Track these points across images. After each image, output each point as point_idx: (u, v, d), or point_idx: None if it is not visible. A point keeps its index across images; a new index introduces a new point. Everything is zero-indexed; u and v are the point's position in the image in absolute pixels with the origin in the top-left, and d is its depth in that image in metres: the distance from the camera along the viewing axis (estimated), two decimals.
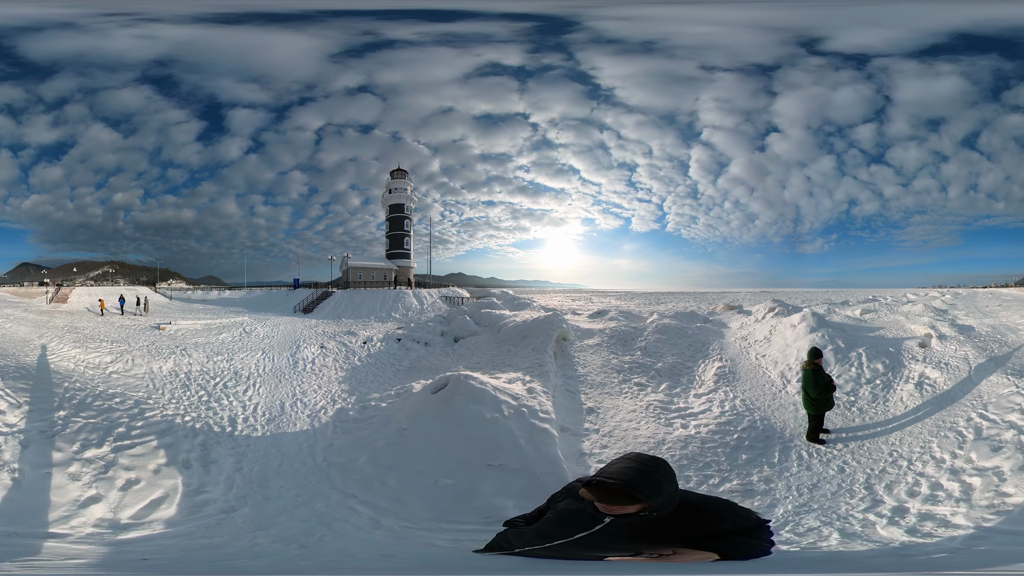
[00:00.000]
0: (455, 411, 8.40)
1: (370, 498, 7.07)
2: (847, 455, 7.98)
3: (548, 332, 15.28)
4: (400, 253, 64.19)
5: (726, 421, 9.66)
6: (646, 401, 10.96)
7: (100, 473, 6.96)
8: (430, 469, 7.44)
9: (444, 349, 18.81)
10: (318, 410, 11.35)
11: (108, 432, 8.09)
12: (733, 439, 8.93)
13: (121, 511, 6.31)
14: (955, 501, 5.89)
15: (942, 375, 9.97)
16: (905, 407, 9.36)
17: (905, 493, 6.38)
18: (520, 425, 8.09)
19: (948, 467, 6.80)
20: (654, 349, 14.41)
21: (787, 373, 11.63)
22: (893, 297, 32.35)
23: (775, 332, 14.08)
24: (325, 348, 18.16)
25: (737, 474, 7.75)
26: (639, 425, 9.78)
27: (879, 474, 7.15)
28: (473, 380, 9.11)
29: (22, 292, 47.26)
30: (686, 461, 8.21)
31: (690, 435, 9.17)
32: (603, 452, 8.72)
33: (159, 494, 6.81)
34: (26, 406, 8.36)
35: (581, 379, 12.51)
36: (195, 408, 10.39)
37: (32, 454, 7.00)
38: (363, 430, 9.46)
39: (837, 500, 6.58)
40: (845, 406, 9.80)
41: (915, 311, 17.74)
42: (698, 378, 12.34)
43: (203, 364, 14.45)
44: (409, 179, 65.59)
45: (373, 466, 7.84)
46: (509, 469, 7.27)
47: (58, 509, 6.00)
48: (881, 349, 11.57)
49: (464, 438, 7.90)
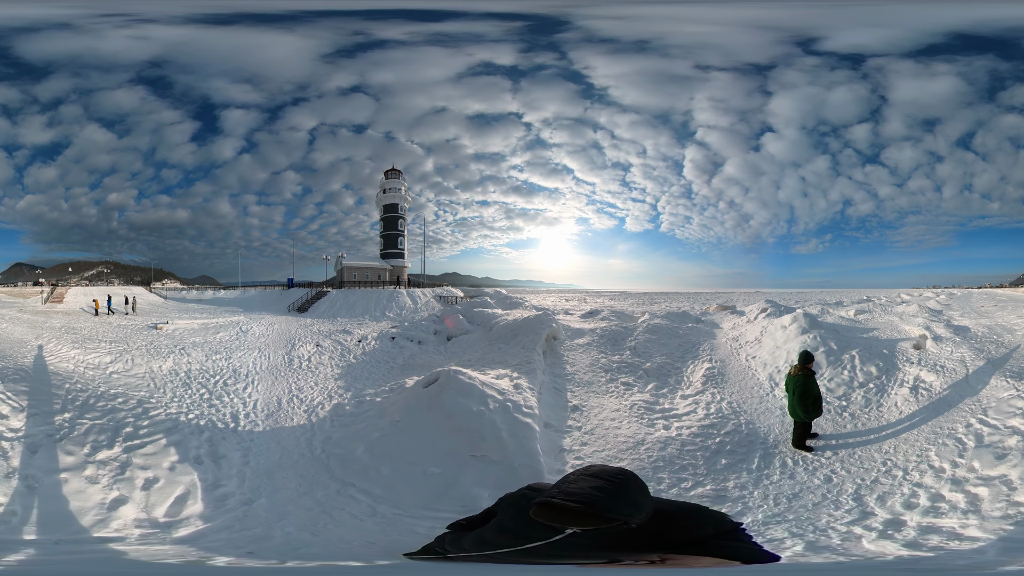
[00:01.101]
0: (444, 404, 8.78)
1: (367, 486, 7.44)
2: (836, 463, 7.66)
3: (538, 331, 15.45)
4: (394, 253, 64.41)
5: (709, 424, 9.58)
6: (631, 401, 10.98)
7: (117, 474, 7.00)
8: (420, 459, 7.83)
9: (437, 347, 18.99)
10: (315, 405, 11.62)
11: (116, 433, 8.11)
12: (715, 443, 8.83)
13: (153, 510, 6.41)
14: (962, 513, 5.57)
15: (938, 378, 9.73)
16: (900, 412, 9.03)
17: (901, 505, 6.05)
18: (504, 418, 8.39)
19: (949, 477, 6.47)
20: (643, 349, 14.45)
21: (776, 376, 11.51)
22: (887, 297, 32.22)
23: (766, 333, 13.98)
24: (321, 346, 18.40)
25: (713, 479, 7.57)
26: (621, 424, 9.81)
27: (871, 484, 6.80)
28: (462, 375, 9.52)
29: (16, 292, 46.92)
30: (662, 463, 8.14)
31: (670, 437, 9.12)
32: (582, 449, 8.80)
33: (181, 491, 6.93)
34: (28, 409, 8.29)
35: (569, 377, 12.60)
36: (198, 406, 10.57)
37: (42, 459, 6.98)
38: (360, 423, 9.91)
39: (818, 511, 6.25)
40: (836, 411, 9.52)
41: (909, 311, 17.68)
42: (686, 379, 12.32)
43: (202, 363, 14.61)
44: (403, 179, 65.82)
45: (369, 456, 8.27)
46: (490, 460, 7.58)
47: (88, 514, 6.04)
48: (875, 351, 11.37)
49: (452, 429, 8.28)
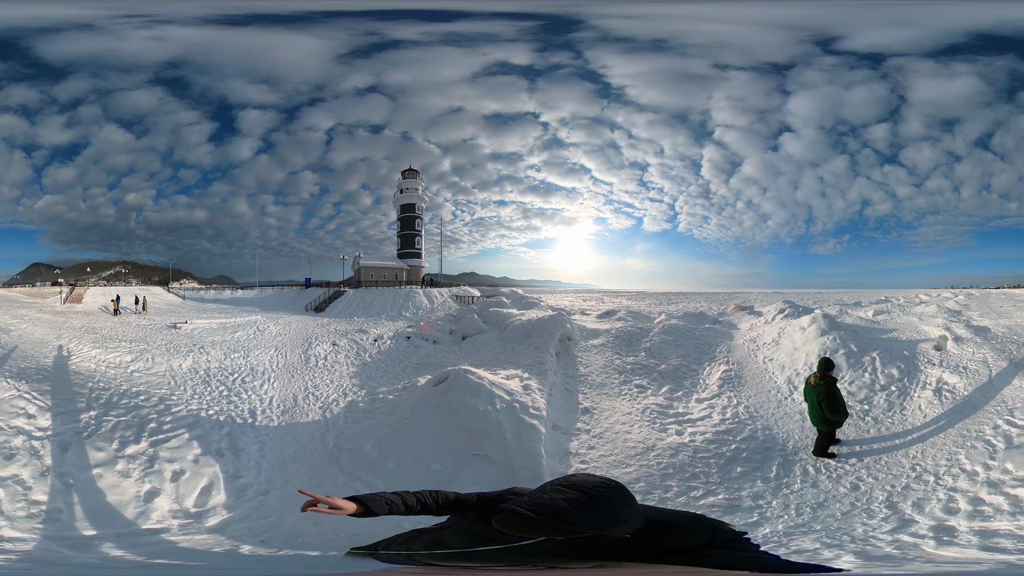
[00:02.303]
0: (452, 402, 8.96)
1: (372, 480, 7.69)
2: (861, 470, 7.37)
3: (551, 331, 15.39)
4: (412, 252, 64.60)
5: (725, 430, 9.31)
6: (644, 404, 10.76)
7: (147, 467, 7.41)
8: (424, 455, 8.05)
9: (452, 347, 19.22)
10: (330, 402, 11.97)
11: (141, 428, 8.52)
12: (730, 449, 8.54)
13: (184, 500, 6.84)
14: (1010, 515, 5.42)
15: (961, 380, 9.45)
16: (924, 416, 8.74)
17: (941, 511, 5.81)
18: (510, 419, 8.43)
19: (984, 480, 6.30)
20: (659, 350, 14.17)
21: (794, 379, 11.17)
22: (905, 298, 31.79)
23: (784, 334, 13.63)
24: (337, 345, 18.75)
25: (726, 488, 7.31)
26: (631, 429, 9.60)
27: (902, 491, 6.54)
28: (472, 375, 9.65)
29: (34, 292, 47.96)
30: (672, 470, 7.92)
31: (683, 443, 8.87)
32: (589, 453, 8.68)
33: (206, 482, 7.35)
34: (54, 408, 8.62)
35: (582, 379, 12.45)
36: (217, 402, 10.93)
37: (74, 456, 7.32)
38: (371, 419, 10.17)
39: (850, 520, 5.98)
40: (859, 416, 9.22)
41: (928, 312, 17.31)
42: (702, 382, 12.01)
43: (221, 361, 14.96)
44: (420, 178, 65.98)
45: (378, 451, 8.52)
46: (491, 460, 7.66)
47: (128, 507, 6.45)
48: (895, 352, 11.05)
49: (458, 427, 8.43)
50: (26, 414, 8.21)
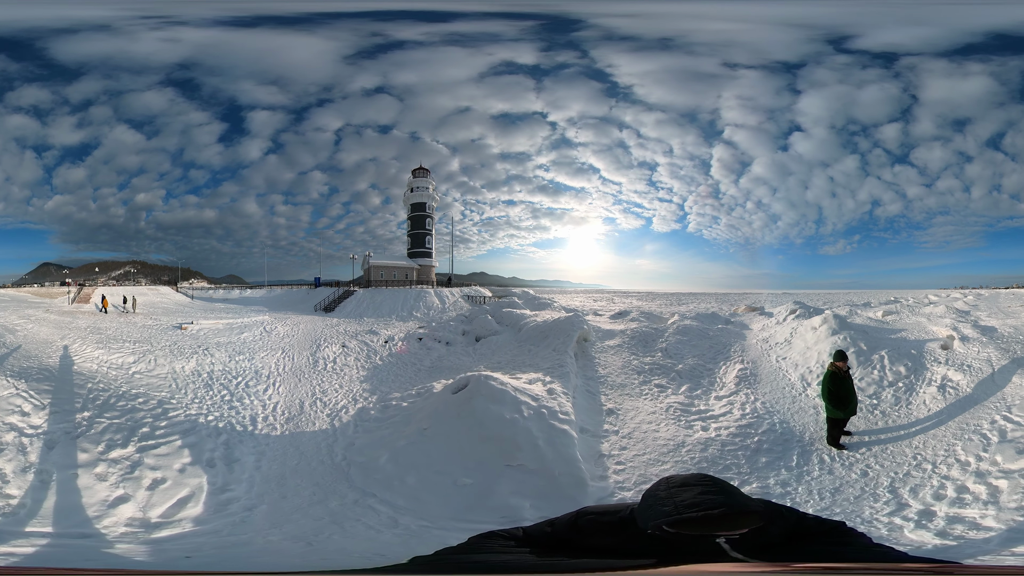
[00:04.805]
0: (475, 411, 8.47)
1: (389, 497, 7.18)
2: (870, 458, 7.95)
3: (569, 333, 15.22)
4: (422, 252, 64.29)
5: (746, 424, 9.64)
6: (666, 403, 10.92)
7: (127, 473, 7.19)
8: (450, 468, 7.54)
9: (465, 348, 18.66)
10: (339, 409, 11.42)
11: (132, 432, 8.29)
12: (753, 442, 8.92)
13: (150, 510, 6.56)
14: (983, 504, 5.95)
15: (965, 377, 9.91)
16: (928, 410, 9.33)
17: (931, 496, 6.42)
18: (540, 426, 8.15)
19: (974, 470, 6.81)
20: (675, 350, 14.31)
21: (807, 376, 11.57)
22: (915, 298, 31.61)
23: (796, 334, 13.99)
24: (347, 347, 18.12)
25: (757, 477, 7.74)
26: (659, 427, 9.75)
27: (903, 477, 7.14)
28: (494, 381, 9.17)
29: (43, 292, 47.76)
30: (706, 464, 8.26)
31: (710, 438, 9.17)
32: (622, 453, 8.73)
33: (185, 493, 7.04)
34: (50, 407, 8.53)
35: (601, 380, 12.45)
36: (218, 407, 10.53)
37: (58, 455, 7.22)
38: (384, 429, 9.56)
39: (860, 504, 6.59)
40: (868, 409, 9.77)
41: (937, 312, 17.25)
42: (719, 380, 12.27)
43: (225, 364, 14.51)
44: (431, 178, 65.66)
45: (394, 465, 7.92)
46: (527, 469, 7.35)
47: (88, 509, 6.25)
48: (903, 351, 11.48)
49: (484, 438, 8.00)
50: (21, 411, 8.30)
